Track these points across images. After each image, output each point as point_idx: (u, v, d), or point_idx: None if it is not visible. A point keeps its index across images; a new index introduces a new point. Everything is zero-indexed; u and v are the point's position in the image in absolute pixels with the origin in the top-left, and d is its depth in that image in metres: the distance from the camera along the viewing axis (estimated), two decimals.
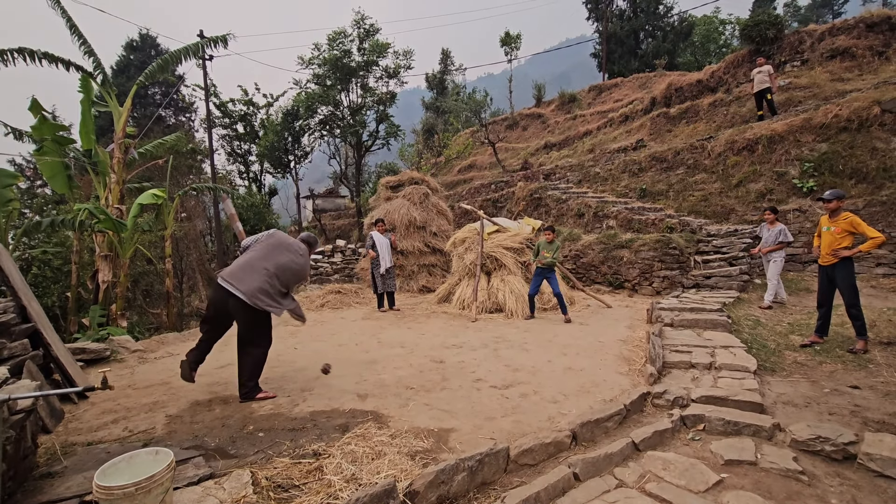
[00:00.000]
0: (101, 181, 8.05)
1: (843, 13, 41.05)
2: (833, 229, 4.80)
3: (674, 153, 12.54)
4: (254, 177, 26.16)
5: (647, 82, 22.72)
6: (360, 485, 2.52)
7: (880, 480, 2.66)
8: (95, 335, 6.08)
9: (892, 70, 11.61)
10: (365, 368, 4.85)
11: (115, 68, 28.37)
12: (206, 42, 9.85)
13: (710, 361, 4.45)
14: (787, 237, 7.05)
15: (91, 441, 3.19)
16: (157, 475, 2.21)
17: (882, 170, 9.06)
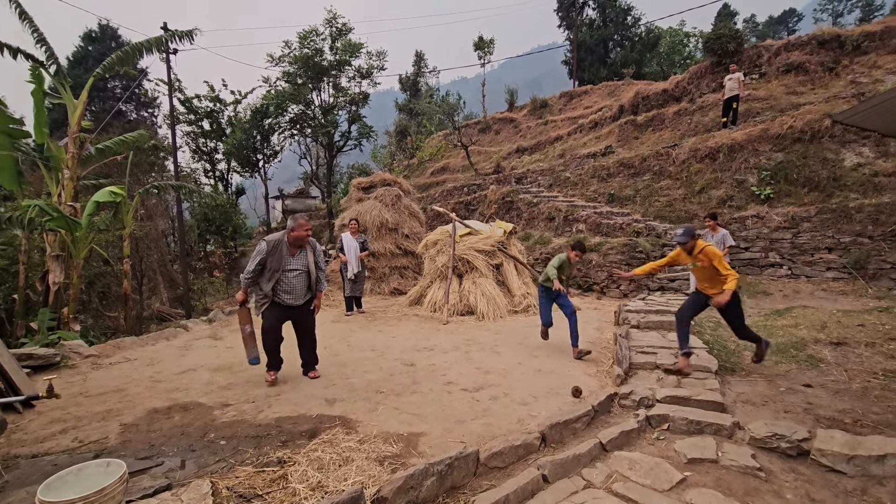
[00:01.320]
0: (54, 177, 7.63)
1: (797, 30, 43.36)
2: (699, 264, 4.47)
3: (641, 160, 12.90)
4: (220, 176, 25.38)
5: (616, 90, 23.32)
6: (327, 493, 2.45)
7: (831, 475, 2.78)
8: (44, 340, 5.74)
9: (841, 85, 12.31)
10: (334, 372, 4.76)
11: (71, 59, 27.06)
12: (171, 35, 9.50)
13: (674, 362, 4.56)
14: (730, 241, 7.31)
15: (36, 453, 3.00)
16: (107, 488, 2.09)
17: (832, 179, 9.58)
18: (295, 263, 4.42)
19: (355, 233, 8.26)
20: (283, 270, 4.34)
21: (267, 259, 4.32)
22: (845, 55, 13.21)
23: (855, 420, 3.38)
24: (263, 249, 4.34)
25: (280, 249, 4.35)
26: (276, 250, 4.34)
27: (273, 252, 4.33)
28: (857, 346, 4.96)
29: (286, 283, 4.37)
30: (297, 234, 4.38)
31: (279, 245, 4.35)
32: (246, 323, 4.54)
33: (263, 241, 4.39)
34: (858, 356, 4.71)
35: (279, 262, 4.33)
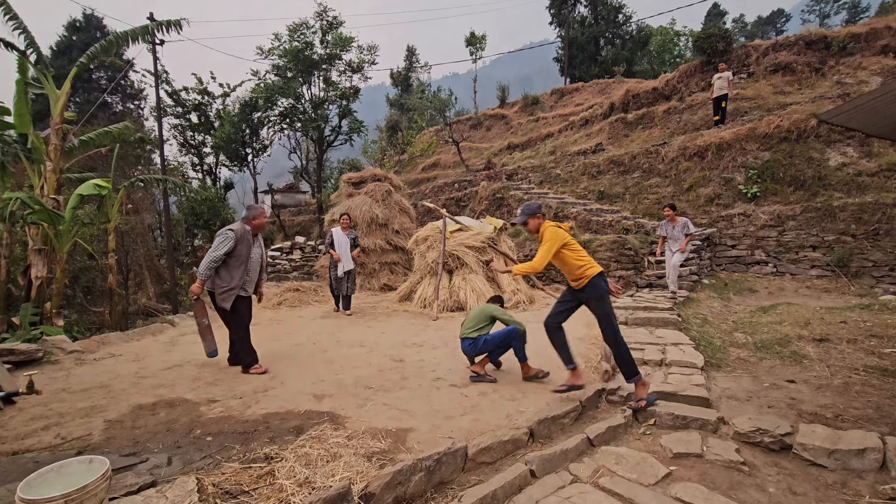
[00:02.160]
0: (36, 169, 7.47)
1: (785, 30, 43.90)
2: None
3: (630, 157, 12.99)
4: (208, 169, 25.06)
5: (607, 88, 23.43)
6: (314, 488, 2.43)
7: (813, 469, 2.84)
8: (26, 335, 5.63)
9: (827, 85, 12.49)
10: (322, 368, 4.73)
11: (55, 49, 26.49)
12: (157, 25, 9.33)
13: (661, 358, 4.62)
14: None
15: (17, 450, 2.94)
16: (89, 486, 2.05)
17: (817, 178, 9.73)
18: (255, 252, 4.47)
19: (346, 228, 7.86)
20: (250, 259, 4.37)
21: (237, 247, 4.28)
22: (831, 56, 13.41)
23: (836, 415, 3.45)
24: (232, 237, 4.29)
25: (246, 238, 4.36)
26: (244, 238, 4.34)
27: (242, 240, 4.32)
28: (839, 343, 5.06)
29: (251, 273, 4.40)
30: (260, 221, 4.44)
31: (245, 233, 4.36)
32: (203, 316, 4.46)
33: (229, 230, 4.35)
34: (840, 352, 4.80)
35: (248, 249, 4.33)
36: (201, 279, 4.29)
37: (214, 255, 4.23)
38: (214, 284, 4.37)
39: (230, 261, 4.31)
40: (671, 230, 7.45)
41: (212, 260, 4.23)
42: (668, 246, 7.58)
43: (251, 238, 4.42)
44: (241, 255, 4.31)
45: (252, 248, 4.44)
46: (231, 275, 4.31)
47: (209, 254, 4.26)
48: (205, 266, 4.25)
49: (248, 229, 4.39)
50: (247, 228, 4.40)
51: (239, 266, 4.32)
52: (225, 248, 4.23)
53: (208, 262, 4.24)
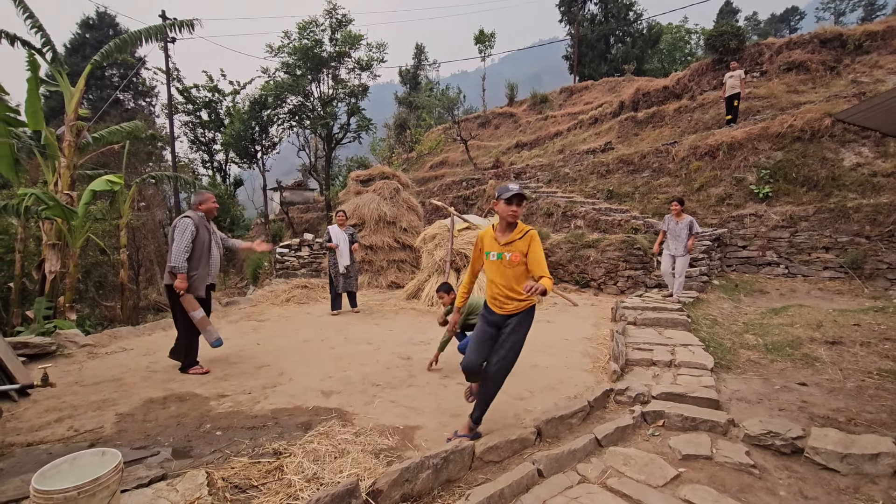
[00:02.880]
0: (50, 165, 7.57)
1: (799, 28, 43.28)
2: (508, 256, 2.94)
3: (640, 156, 12.88)
4: (218, 166, 25.30)
5: (616, 86, 23.26)
6: (322, 484, 2.45)
7: (825, 473, 2.80)
8: (40, 329, 5.72)
9: (842, 84, 12.29)
10: (330, 364, 4.75)
11: (68, 47, 26.82)
12: (170, 25, 9.41)
13: (670, 359, 4.58)
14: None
15: (31, 441, 2.99)
16: (102, 477, 2.08)
17: (831, 179, 9.59)
18: (215, 240, 4.51)
19: (343, 224, 7.76)
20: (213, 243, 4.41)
21: (199, 233, 4.29)
22: (847, 54, 13.19)
23: (849, 419, 3.40)
24: (191, 223, 4.27)
25: (203, 223, 4.38)
26: (201, 224, 4.36)
27: (200, 226, 4.34)
28: (852, 346, 4.98)
29: (214, 258, 4.44)
30: (207, 206, 4.45)
31: (200, 219, 4.38)
32: (194, 309, 4.39)
33: (186, 218, 4.32)
34: (853, 355, 4.73)
35: (208, 235, 4.37)
36: (180, 272, 4.22)
37: (181, 244, 4.20)
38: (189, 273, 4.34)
39: (194, 248, 4.28)
40: (674, 226, 7.07)
41: (181, 250, 4.20)
42: (666, 245, 7.22)
43: (207, 223, 4.45)
44: (204, 241, 4.31)
45: (211, 235, 4.47)
46: (197, 262, 4.30)
47: (175, 245, 4.21)
48: (177, 257, 4.20)
49: (201, 215, 4.41)
50: (200, 214, 4.41)
51: (203, 253, 4.32)
52: (189, 235, 4.22)
53: (179, 253, 4.19)
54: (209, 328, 4.49)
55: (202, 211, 4.45)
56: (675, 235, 7.07)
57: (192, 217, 4.34)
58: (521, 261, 2.93)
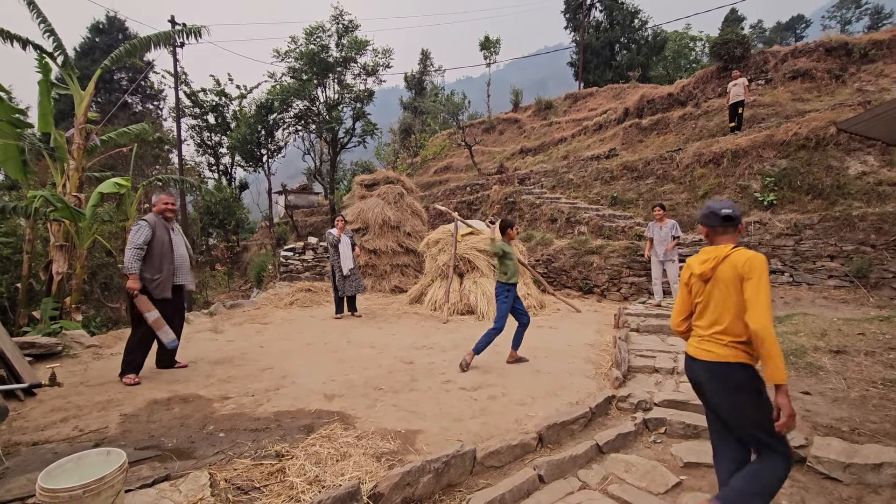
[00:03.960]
0: (59, 167, 7.66)
1: (805, 36, 43.25)
2: None
3: (644, 163, 12.89)
4: (224, 169, 25.47)
5: (621, 93, 23.29)
6: (324, 487, 2.47)
7: (827, 482, 2.79)
8: (47, 329, 5.77)
9: (847, 93, 12.27)
10: (333, 368, 4.77)
11: (78, 50, 27.17)
12: (178, 31, 9.52)
13: (672, 366, 4.57)
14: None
15: (37, 441, 3.02)
16: (107, 477, 2.11)
17: (836, 187, 9.56)
18: (178, 238, 4.54)
19: (342, 230, 7.72)
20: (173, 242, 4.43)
21: (155, 234, 4.31)
22: (852, 63, 13.18)
23: (852, 428, 3.39)
24: (146, 225, 4.30)
25: (161, 224, 4.41)
26: (158, 225, 4.38)
27: (157, 227, 4.36)
28: (856, 355, 4.96)
29: (179, 259, 4.47)
30: (159, 207, 4.48)
31: (157, 221, 4.42)
32: (148, 310, 4.33)
33: (142, 219, 4.37)
34: (858, 365, 4.70)
35: (167, 235, 4.40)
36: (132, 273, 4.21)
37: (132, 246, 4.20)
38: (144, 279, 4.29)
39: (153, 250, 4.29)
40: (658, 231, 7.17)
41: (132, 252, 4.19)
42: (654, 251, 7.29)
43: (166, 224, 4.47)
44: (162, 242, 4.33)
45: (172, 235, 4.48)
46: (159, 263, 4.30)
47: (127, 247, 4.23)
48: (129, 259, 4.19)
49: (158, 216, 4.46)
50: (158, 216, 4.46)
51: (164, 254, 4.34)
52: (142, 237, 4.22)
53: (130, 255, 4.19)
54: (164, 329, 4.40)
55: (157, 212, 4.48)
56: (661, 241, 7.19)
57: (146, 219, 4.36)
58: None
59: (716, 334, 2.16)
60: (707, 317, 2.20)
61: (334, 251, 7.58)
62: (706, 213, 2.27)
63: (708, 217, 2.26)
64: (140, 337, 4.31)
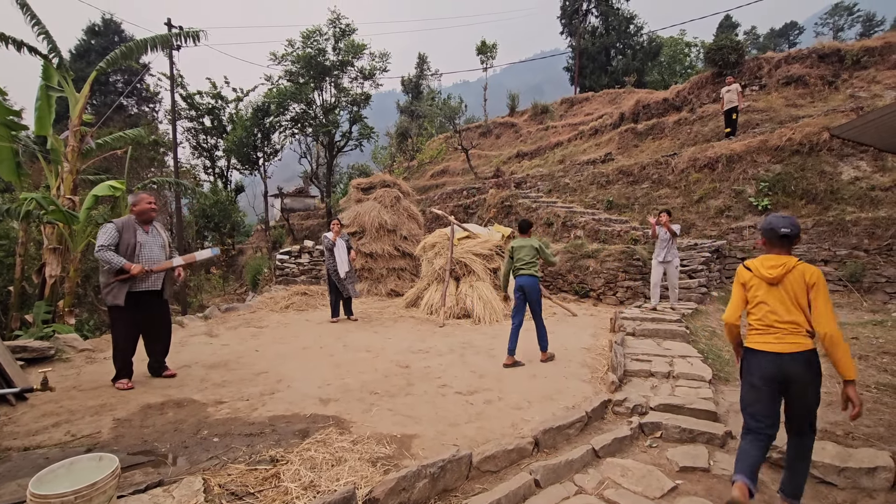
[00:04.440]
0: (54, 170, 7.62)
1: (798, 43, 43.69)
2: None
3: (640, 168, 12.95)
4: (220, 172, 25.37)
5: (617, 98, 23.43)
6: (319, 492, 2.45)
7: (822, 486, 2.80)
8: (39, 332, 5.71)
9: (840, 99, 12.40)
10: (329, 372, 4.75)
11: (74, 53, 27.07)
12: (175, 35, 9.50)
13: (668, 370, 4.58)
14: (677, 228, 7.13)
15: (28, 446, 2.99)
16: (99, 482, 2.09)
17: (829, 192, 9.64)
18: (151, 241, 4.36)
19: (338, 234, 7.72)
20: (140, 245, 4.24)
21: (121, 236, 4.17)
22: (845, 69, 13.32)
23: (846, 432, 3.40)
24: (112, 227, 4.17)
25: (131, 227, 4.26)
26: (127, 227, 4.24)
27: (126, 229, 4.21)
28: None
29: (145, 263, 4.26)
30: (140, 207, 4.33)
31: (129, 223, 4.28)
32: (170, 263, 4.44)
33: (110, 222, 4.26)
34: None
35: (133, 238, 4.22)
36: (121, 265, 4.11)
37: (98, 246, 4.09)
38: (101, 283, 4.19)
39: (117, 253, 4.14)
40: (662, 234, 7.20)
41: (102, 254, 4.08)
42: (656, 253, 7.28)
43: (138, 227, 4.30)
44: (128, 245, 4.16)
45: (144, 238, 4.30)
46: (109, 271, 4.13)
47: (96, 251, 4.11)
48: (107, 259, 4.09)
49: (132, 219, 4.32)
50: (132, 218, 4.32)
51: (128, 257, 4.17)
52: (105, 239, 4.08)
53: (104, 256, 4.08)
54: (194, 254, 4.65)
55: (135, 213, 4.33)
56: (662, 243, 7.18)
57: (115, 222, 4.25)
58: None
59: (795, 328, 2.46)
60: (782, 314, 2.49)
61: (329, 255, 7.57)
62: (768, 227, 2.60)
63: (768, 232, 2.61)
64: (123, 338, 4.20)
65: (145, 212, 4.35)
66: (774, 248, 2.60)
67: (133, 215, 4.35)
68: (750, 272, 2.62)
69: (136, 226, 4.29)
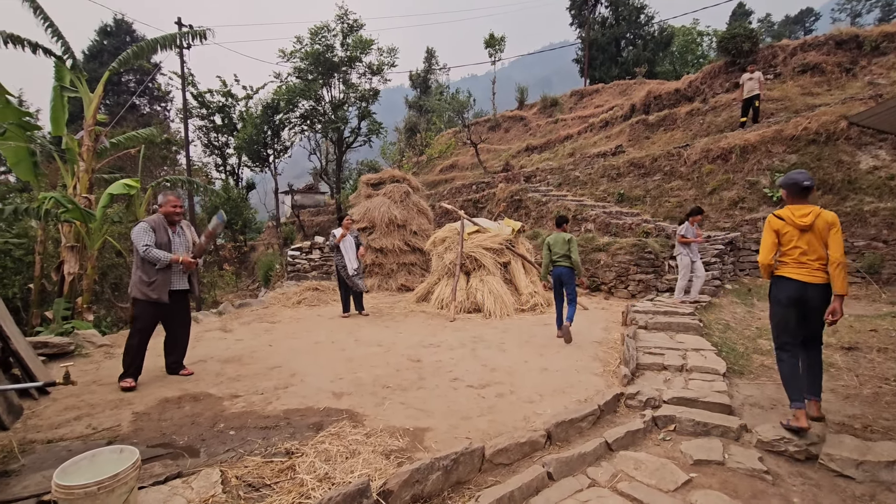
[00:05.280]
0: (70, 169, 7.75)
1: (814, 30, 42.68)
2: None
3: (651, 160, 12.80)
4: (231, 170, 25.63)
5: (628, 89, 23.14)
6: (334, 484, 2.48)
7: (840, 480, 2.76)
8: (59, 329, 5.85)
9: (858, 86, 12.11)
10: (341, 366, 4.79)
11: (87, 53, 27.44)
12: (185, 34, 9.58)
13: (681, 363, 4.54)
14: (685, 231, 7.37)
15: (51, 439, 3.06)
16: (120, 474, 2.14)
17: (847, 182, 9.44)
18: (178, 241, 4.39)
19: (348, 228, 7.75)
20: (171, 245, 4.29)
21: (156, 233, 4.21)
22: (863, 56, 13.00)
23: (865, 425, 3.35)
24: (146, 225, 4.19)
25: (161, 226, 4.30)
26: (159, 227, 4.27)
27: (157, 229, 4.25)
28: (868, 352, 4.90)
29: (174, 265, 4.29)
30: (166, 209, 4.35)
31: (159, 222, 4.31)
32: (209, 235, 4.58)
33: (144, 221, 4.27)
34: (870, 361, 4.65)
35: (166, 238, 4.28)
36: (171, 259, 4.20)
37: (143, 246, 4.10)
38: (141, 281, 4.16)
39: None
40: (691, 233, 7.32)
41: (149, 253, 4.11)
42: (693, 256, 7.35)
43: (167, 226, 4.34)
44: (161, 245, 4.22)
45: (172, 237, 4.35)
46: (153, 267, 4.18)
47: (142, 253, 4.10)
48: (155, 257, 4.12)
49: (161, 217, 4.34)
50: (160, 217, 4.35)
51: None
52: (148, 238, 4.13)
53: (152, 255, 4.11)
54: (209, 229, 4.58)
55: (162, 213, 4.36)
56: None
57: (148, 221, 4.28)
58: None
59: (820, 264, 3.09)
60: (810, 254, 3.11)
61: (336, 252, 7.57)
62: (791, 182, 3.21)
63: (792, 186, 3.21)
64: (137, 339, 4.21)
65: (170, 214, 4.38)
66: (797, 199, 3.21)
67: (161, 215, 4.39)
68: (783, 221, 3.17)
69: (165, 225, 4.35)
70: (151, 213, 5.59)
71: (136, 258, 4.23)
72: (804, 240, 3.10)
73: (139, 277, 4.18)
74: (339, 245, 7.51)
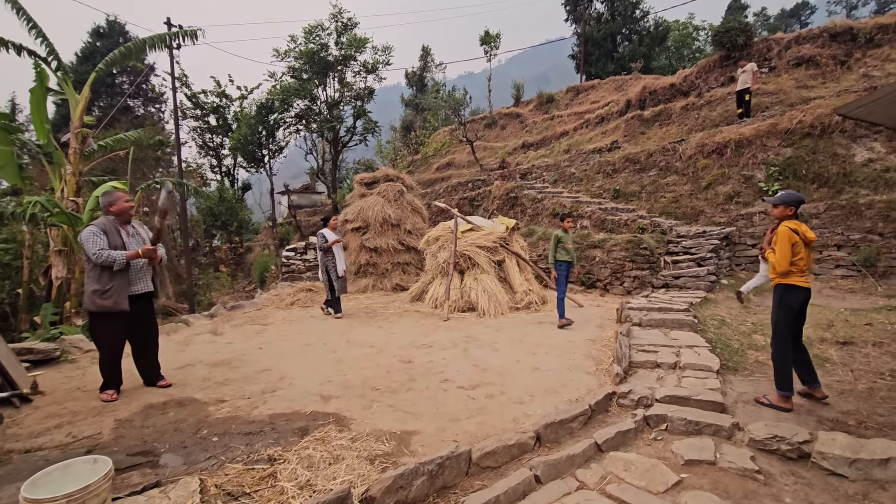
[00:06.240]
0: (56, 172, 7.67)
1: (810, 23, 42.57)
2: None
3: (647, 155, 12.74)
4: (226, 171, 25.52)
5: (623, 85, 23.05)
6: (315, 491, 2.43)
7: (832, 479, 2.71)
8: (46, 334, 5.77)
9: (853, 79, 12.05)
10: (331, 368, 4.73)
11: (79, 55, 27.22)
12: (174, 34, 9.49)
13: (675, 361, 4.50)
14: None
15: (30, 448, 3.00)
16: (92, 485, 2.08)
17: (842, 175, 9.40)
18: (133, 242, 4.03)
19: (334, 229, 7.68)
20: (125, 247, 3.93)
21: (108, 239, 3.82)
22: (858, 48, 12.93)
23: (859, 422, 3.31)
24: (97, 229, 3.80)
25: (113, 229, 3.93)
26: (110, 230, 3.90)
27: (109, 232, 3.88)
28: (864, 346, 4.86)
29: (135, 265, 3.98)
30: (119, 206, 4.00)
31: (109, 224, 3.93)
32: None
33: (92, 224, 3.89)
34: (865, 356, 4.61)
35: (118, 241, 3.91)
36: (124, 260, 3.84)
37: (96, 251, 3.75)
38: (94, 291, 3.81)
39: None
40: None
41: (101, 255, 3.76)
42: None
43: (119, 227, 3.97)
44: (114, 248, 3.84)
45: (126, 239, 3.98)
46: (109, 272, 3.83)
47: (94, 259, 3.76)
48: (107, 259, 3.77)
49: (112, 219, 3.97)
50: (110, 219, 3.97)
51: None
52: (99, 242, 3.77)
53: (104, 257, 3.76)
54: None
55: (113, 213, 3.99)
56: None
57: (97, 223, 3.90)
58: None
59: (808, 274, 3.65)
60: (809, 263, 3.68)
61: (327, 253, 7.47)
62: (797, 200, 3.67)
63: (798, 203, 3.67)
64: (109, 356, 3.93)
65: (124, 211, 4.04)
66: (795, 216, 3.65)
67: (111, 216, 4.00)
68: (798, 235, 3.55)
69: (116, 226, 3.98)
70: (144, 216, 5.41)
71: (87, 267, 3.87)
72: (806, 251, 3.58)
73: (92, 288, 3.81)
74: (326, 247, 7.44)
